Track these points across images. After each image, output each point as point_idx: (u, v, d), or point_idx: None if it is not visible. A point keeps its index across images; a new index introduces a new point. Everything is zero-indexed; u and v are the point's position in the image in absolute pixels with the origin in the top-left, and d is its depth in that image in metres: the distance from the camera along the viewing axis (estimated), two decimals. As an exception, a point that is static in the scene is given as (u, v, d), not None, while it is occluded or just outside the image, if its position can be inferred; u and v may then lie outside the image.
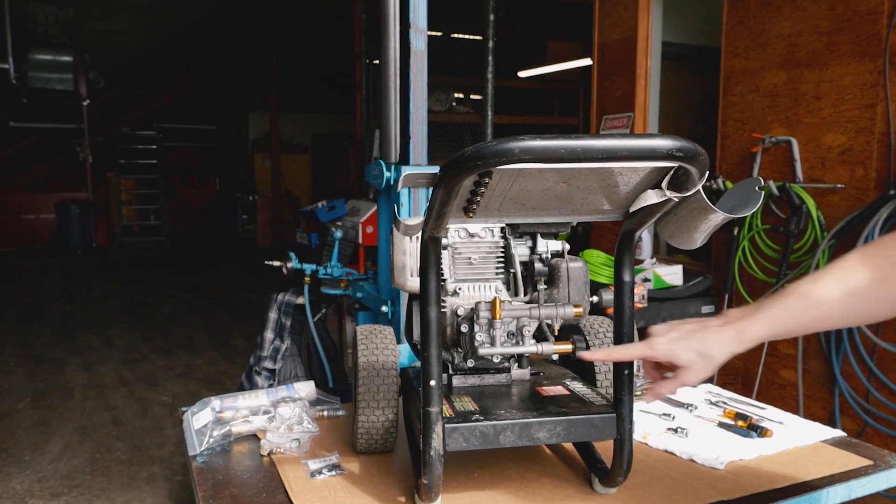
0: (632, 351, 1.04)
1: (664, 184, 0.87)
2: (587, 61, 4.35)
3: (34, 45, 11.59)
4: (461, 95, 6.69)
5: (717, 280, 3.36)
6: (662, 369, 1.04)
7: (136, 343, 5.72)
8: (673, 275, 3.28)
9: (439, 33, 5.88)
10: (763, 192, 0.90)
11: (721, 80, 3.36)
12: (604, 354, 1.11)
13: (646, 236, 3.63)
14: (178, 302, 7.44)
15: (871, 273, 0.93)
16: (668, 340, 0.99)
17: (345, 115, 9.41)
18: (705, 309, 3.30)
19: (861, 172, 2.75)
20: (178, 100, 13.26)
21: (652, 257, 3.56)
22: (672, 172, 0.86)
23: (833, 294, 0.94)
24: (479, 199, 0.91)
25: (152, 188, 12.60)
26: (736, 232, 3.17)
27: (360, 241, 5.02)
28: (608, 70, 4.13)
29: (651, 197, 0.88)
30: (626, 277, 1.06)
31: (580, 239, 4.82)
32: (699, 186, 0.86)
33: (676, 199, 0.87)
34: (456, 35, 5.83)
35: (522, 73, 7.51)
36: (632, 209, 0.93)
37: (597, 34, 4.20)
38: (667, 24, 3.99)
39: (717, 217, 0.89)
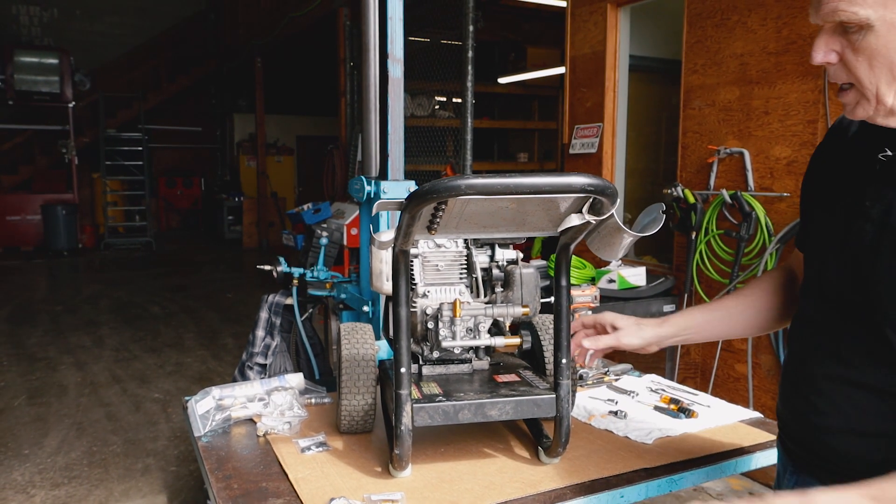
0: (584, 319, 1.42)
1: (584, 209, 1.09)
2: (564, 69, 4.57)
3: (19, 46, 11.67)
4: (443, 99, 6.88)
5: (678, 281, 3.60)
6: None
7: (126, 342, 5.88)
8: (637, 276, 3.51)
9: (427, 39, 6.06)
10: (664, 216, 1.15)
11: (681, 94, 3.60)
12: (576, 340, 1.39)
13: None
14: (167, 302, 7.59)
15: (737, 301, 1.31)
16: (612, 313, 1.39)
17: (329, 118, 9.59)
18: (667, 307, 3.54)
19: (804, 182, 3.00)
20: (164, 101, 13.37)
21: (618, 260, 3.79)
22: (590, 201, 1.08)
23: (714, 314, 1.33)
24: (438, 219, 1.13)
25: (138, 189, 12.71)
26: (694, 236, 3.41)
27: (345, 242, 5.21)
28: (579, 82, 4.35)
29: (574, 220, 1.10)
30: (563, 282, 1.28)
31: (552, 242, 5.05)
32: (612, 211, 1.08)
33: (594, 222, 1.10)
34: (441, 41, 6.00)
35: (502, 80, 7.73)
36: (559, 229, 1.15)
37: (569, 47, 4.42)
38: (640, 40, 4.22)
39: (628, 236, 1.11)
